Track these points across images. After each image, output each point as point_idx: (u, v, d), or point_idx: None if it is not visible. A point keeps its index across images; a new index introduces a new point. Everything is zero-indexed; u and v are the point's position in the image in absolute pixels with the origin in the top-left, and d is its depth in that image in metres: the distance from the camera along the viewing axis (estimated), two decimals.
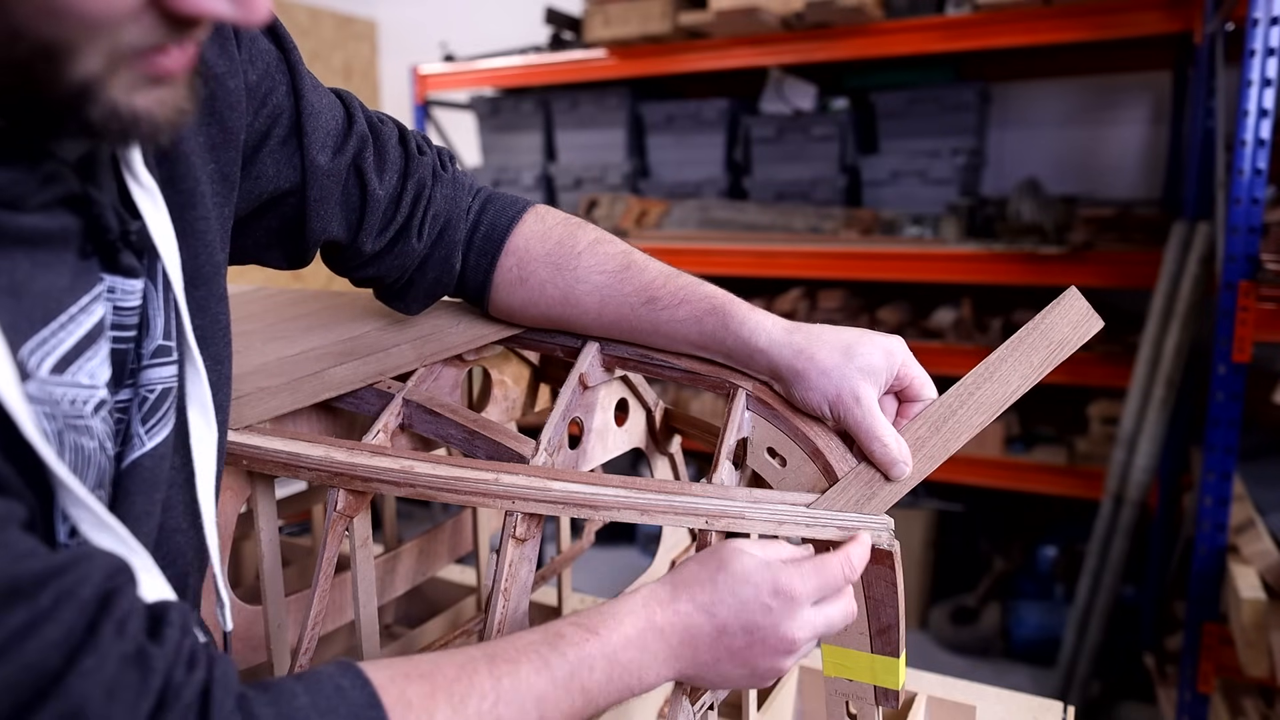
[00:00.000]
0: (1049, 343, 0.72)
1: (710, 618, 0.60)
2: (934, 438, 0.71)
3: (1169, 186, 2.81)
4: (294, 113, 0.70)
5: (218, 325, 0.63)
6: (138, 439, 0.53)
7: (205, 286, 0.61)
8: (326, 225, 0.75)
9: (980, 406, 0.71)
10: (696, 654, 0.60)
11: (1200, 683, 1.93)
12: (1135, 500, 2.30)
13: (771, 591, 0.60)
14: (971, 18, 2.54)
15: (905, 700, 0.92)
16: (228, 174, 0.64)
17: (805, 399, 0.73)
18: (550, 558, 1.08)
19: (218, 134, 0.62)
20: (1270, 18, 1.76)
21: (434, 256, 0.82)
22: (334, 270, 0.83)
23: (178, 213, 0.57)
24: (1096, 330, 0.73)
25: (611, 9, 2.92)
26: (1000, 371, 0.71)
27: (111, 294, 0.51)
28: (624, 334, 0.82)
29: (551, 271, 0.81)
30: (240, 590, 0.91)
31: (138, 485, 0.53)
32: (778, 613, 0.60)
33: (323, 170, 0.71)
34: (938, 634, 2.83)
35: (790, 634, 0.61)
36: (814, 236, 2.84)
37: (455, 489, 0.69)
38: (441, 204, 0.81)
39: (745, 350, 0.75)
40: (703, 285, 0.78)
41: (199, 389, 0.57)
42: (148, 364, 0.54)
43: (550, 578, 1.05)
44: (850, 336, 0.73)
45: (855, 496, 0.69)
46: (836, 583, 0.64)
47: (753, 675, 0.62)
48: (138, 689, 0.41)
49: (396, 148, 0.79)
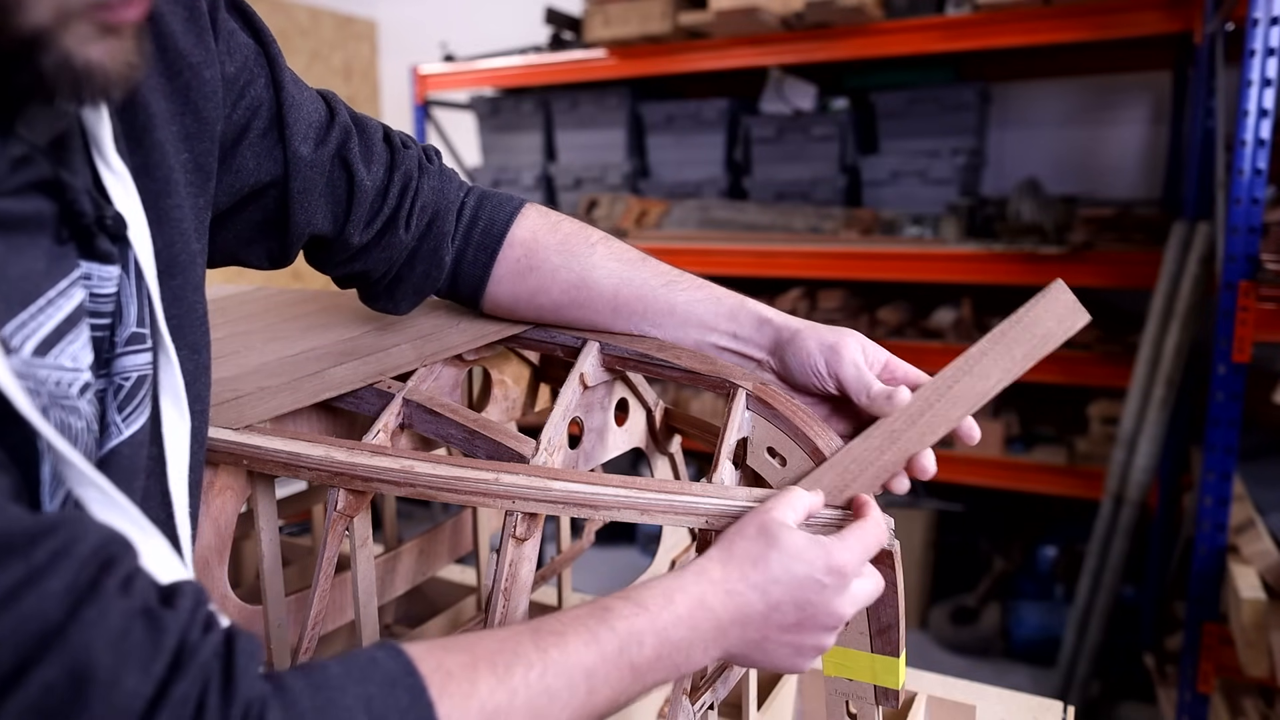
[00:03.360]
0: (1032, 336, 0.71)
1: (763, 596, 0.59)
2: (909, 430, 0.70)
3: (1169, 186, 2.81)
4: (274, 104, 0.70)
5: (194, 315, 0.62)
6: (114, 427, 0.53)
7: (181, 275, 0.60)
8: (311, 218, 0.74)
9: (958, 400, 0.70)
10: (745, 632, 0.59)
11: (1200, 683, 1.93)
12: (1135, 500, 2.30)
13: (825, 569, 0.60)
14: (971, 18, 2.54)
15: (905, 700, 0.92)
16: (203, 164, 0.63)
17: (801, 353, 0.76)
18: (550, 558, 1.08)
19: (192, 124, 0.62)
20: (1270, 18, 1.76)
21: (422, 249, 0.82)
22: (319, 268, 0.82)
23: (152, 200, 0.57)
24: (1082, 324, 0.71)
25: (611, 9, 2.92)
26: (980, 365, 0.70)
27: (88, 280, 0.51)
28: (634, 318, 0.83)
29: (565, 258, 0.83)
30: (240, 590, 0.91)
31: (116, 473, 0.52)
32: (831, 589, 0.60)
33: (305, 161, 0.71)
34: (938, 634, 2.83)
35: (841, 609, 0.61)
36: (814, 236, 2.84)
37: (455, 489, 0.69)
38: (429, 195, 0.81)
39: (754, 321, 0.80)
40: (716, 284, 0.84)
41: (171, 377, 0.57)
42: (122, 351, 0.54)
43: (550, 578, 1.05)
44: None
45: (830, 485, 0.69)
46: (873, 550, 0.64)
47: (798, 653, 0.61)
48: (149, 647, 0.39)
49: (381, 142, 0.79)
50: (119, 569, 0.40)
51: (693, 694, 0.72)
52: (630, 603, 0.56)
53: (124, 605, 0.39)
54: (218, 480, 0.75)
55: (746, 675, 0.84)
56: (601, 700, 0.52)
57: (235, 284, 1.30)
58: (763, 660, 0.61)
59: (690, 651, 0.57)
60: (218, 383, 0.81)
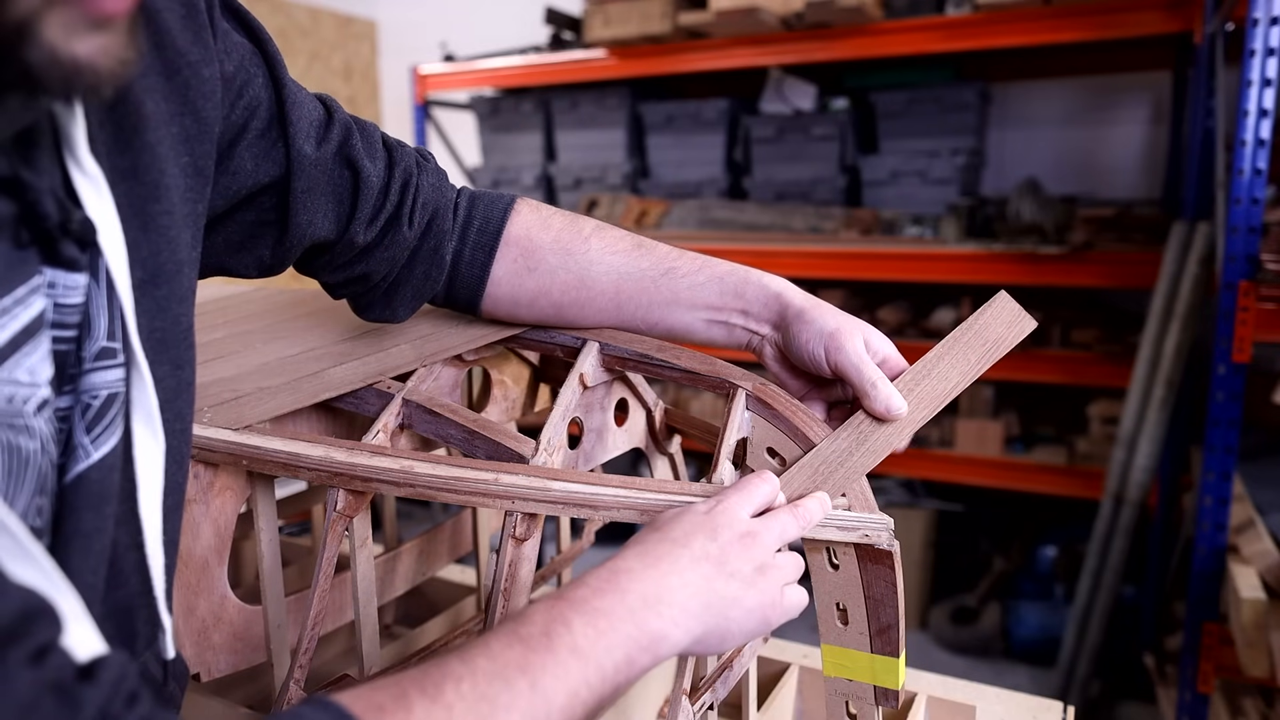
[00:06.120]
0: (984, 342, 0.75)
1: (672, 545, 0.59)
2: (877, 432, 0.72)
3: (1169, 186, 2.81)
4: (274, 103, 0.68)
5: (179, 327, 0.58)
6: (82, 450, 0.49)
7: (167, 285, 0.56)
8: (313, 218, 0.72)
9: (921, 402, 0.73)
10: (672, 583, 0.57)
11: (1200, 683, 1.93)
12: (1135, 500, 2.30)
13: (705, 508, 0.62)
14: (971, 18, 2.54)
15: (905, 700, 0.92)
16: (202, 167, 0.60)
17: (802, 335, 0.75)
18: (550, 558, 1.08)
19: (192, 125, 0.59)
20: (1270, 18, 1.76)
21: (423, 248, 0.81)
22: (314, 274, 0.80)
23: (139, 205, 0.54)
24: (1029, 330, 0.77)
25: (611, 9, 2.92)
26: (939, 369, 0.74)
27: (52, 289, 0.47)
28: (638, 310, 0.82)
29: (562, 257, 0.81)
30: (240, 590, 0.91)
31: (85, 500, 0.49)
32: (724, 524, 0.60)
33: (309, 159, 0.69)
34: (938, 634, 2.83)
35: (748, 525, 0.61)
36: (814, 236, 2.84)
37: (455, 489, 0.69)
38: (429, 193, 0.80)
39: (763, 296, 0.79)
40: (712, 257, 0.83)
41: (144, 396, 0.52)
42: (90, 368, 0.50)
43: (550, 578, 1.05)
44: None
45: (800, 487, 0.70)
46: (759, 495, 0.65)
47: (750, 586, 0.59)
48: None
49: (379, 142, 0.78)
50: (31, 639, 0.37)
51: (693, 694, 0.72)
52: (548, 597, 0.54)
53: (34, 675, 0.36)
54: (218, 480, 0.75)
55: (746, 675, 0.84)
56: (558, 693, 0.49)
57: (235, 284, 1.30)
58: (733, 614, 0.59)
59: (633, 621, 0.54)
60: (218, 382, 0.81)
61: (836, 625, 0.70)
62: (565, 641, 0.51)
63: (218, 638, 0.77)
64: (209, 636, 0.76)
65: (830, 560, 0.69)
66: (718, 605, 0.58)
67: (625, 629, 0.53)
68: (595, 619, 0.53)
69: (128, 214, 0.53)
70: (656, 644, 0.54)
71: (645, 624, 0.54)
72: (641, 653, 0.53)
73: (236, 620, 0.78)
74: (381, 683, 0.46)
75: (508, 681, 0.48)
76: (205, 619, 0.75)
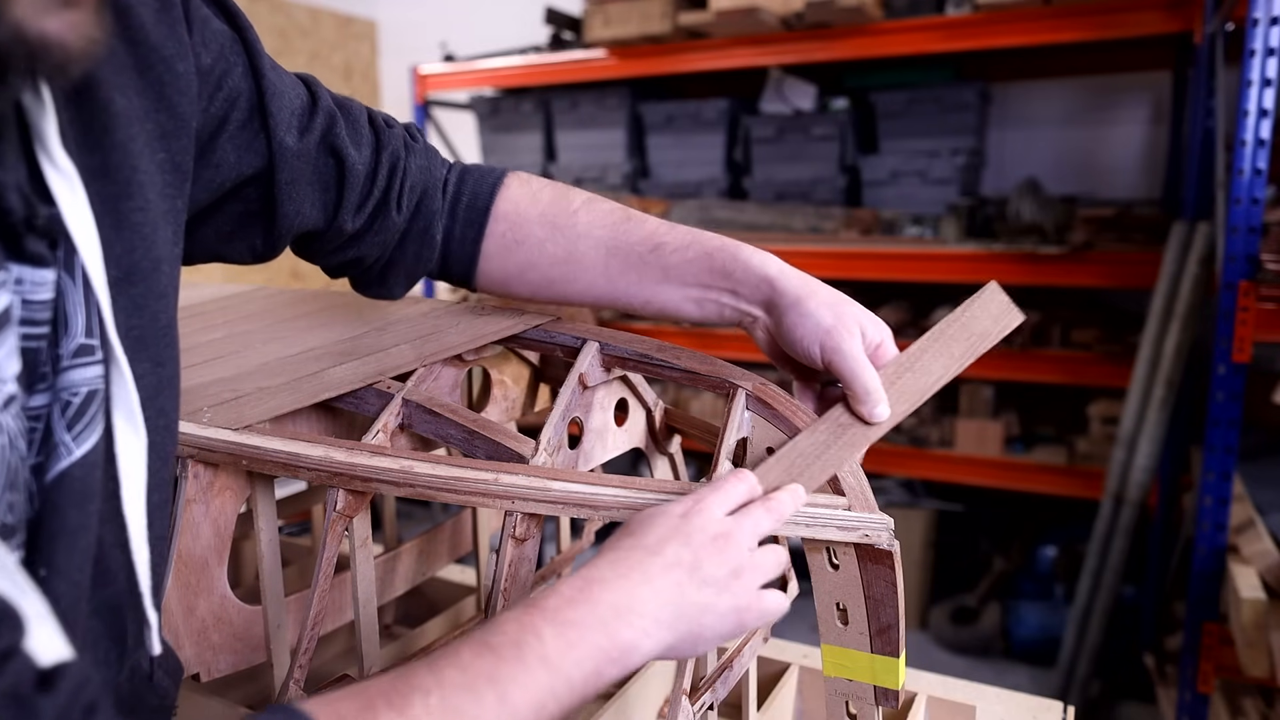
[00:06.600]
0: (970, 334, 0.73)
1: (643, 550, 0.57)
2: (855, 425, 0.71)
3: (1169, 186, 2.81)
4: (254, 94, 0.67)
5: (157, 324, 0.57)
6: (63, 447, 0.49)
7: (143, 283, 0.55)
8: (299, 208, 0.71)
9: (902, 396, 0.72)
10: (640, 589, 0.56)
11: (1200, 683, 1.93)
12: (1135, 500, 2.30)
13: (680, 508, 0.60)
14: (971, 18, 2.54)
15: (905, 700, 0.92)
16: (180, 163, 0.59)
17: (797, 330, 0.73)
18: (550, 558, 1.08)
19: (168, 121, 0.58)
20: (1270, 18, 1.76)
21: (413, 230, 0.80)
22: (309, 258, 0.80)
23: (111, 204, 0.53)
24: (1017, 324, 0.74)
25: (611, 9, 2.92)
26: (921, 361, 0.72)
27: (19, 285, 0.47)
28: (630, 286, 0.81)
29: (549, 230, 0.80)
30: (240, 590, 0.91)
31: (68, 498, 0.48)
32: (697, 525, 0.59)
33: (291, 151, 0.69)
34: (938, 634, 2.83)
35: (721, 525, 0.59)
36: (814, 236, 2.84)
37: (455, 489, 0.69)
38: (417, 175, 0.79)
39: (754, 279, 0.76)
40: (704, 231, 0.80)
41: (124, 392, 0.52)
42: (68, 365, 0.49)
43: (550, 578, 1.05)
44: (845, 296, 0.76)
45: (776, 480, 0.69)
46: (735, 492, 0.63)
47: (723, 591, 0.58)
48: None
49: (365, 124, 0.77)
50: None
51: (692, 694, 0.72)
52: (520, 605, 0.54)
53: None
54: (217, 480, 0.75)
55: (746, 675, 0.84)
56: (526, 705, 0.49)
57: (235, 284, 1.30)
58: (706, 619, 0.58)
59: (604, 633, 0.53)
60: (218, 382, 0.81)
61: (836, 625, 0.70)
62: (536, 652, 0.50)
63: (218, 638, 0.77)
64: (209, 636, 0.76)
65: (830, 560, 0.69)
66: (690, 613, 0.57)
67: (595, 640, 0.53)
68: (566, 630, 0.52)
69: (100, 212, 0.52)
70: (626, 655, 0.54)
71: (616, 635, 0.54)
72: (610, 664, 0.53)
73: (236, 620, 0.78)
74: (348, 691, 0.46)
75: (476, 694, 0.47)
76: (205, 619, 0.75)
